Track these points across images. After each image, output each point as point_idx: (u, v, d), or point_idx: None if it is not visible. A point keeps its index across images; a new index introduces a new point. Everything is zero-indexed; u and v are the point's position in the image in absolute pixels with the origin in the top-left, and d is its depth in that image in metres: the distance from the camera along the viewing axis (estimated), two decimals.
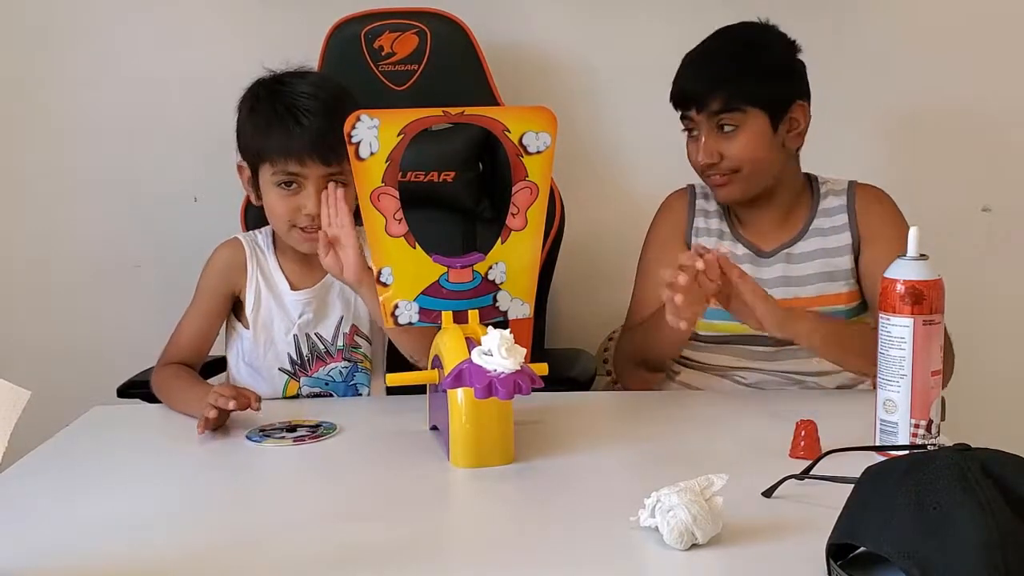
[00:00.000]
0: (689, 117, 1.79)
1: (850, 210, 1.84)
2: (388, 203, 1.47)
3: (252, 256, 1.78)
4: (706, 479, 1.11)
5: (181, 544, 1.17)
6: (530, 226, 1.51)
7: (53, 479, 1.40)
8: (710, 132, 1.77)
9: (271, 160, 1.68)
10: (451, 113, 1.50)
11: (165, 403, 1.71)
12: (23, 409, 0.99)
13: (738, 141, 1.76)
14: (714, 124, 1.76)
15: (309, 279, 1.78)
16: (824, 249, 1.83)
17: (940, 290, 1.33)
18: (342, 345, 1.78)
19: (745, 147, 1.77)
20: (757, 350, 1.82)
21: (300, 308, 1.76)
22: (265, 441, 1.50)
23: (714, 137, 1.77)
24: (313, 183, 1.66)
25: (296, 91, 1.69)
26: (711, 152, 1.77)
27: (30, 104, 2.45)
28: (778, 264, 1.84)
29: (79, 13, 2.42)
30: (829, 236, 1.83)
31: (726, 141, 1.77)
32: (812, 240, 1.84)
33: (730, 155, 1.77)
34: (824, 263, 1.82)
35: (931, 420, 1.34)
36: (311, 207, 1.66)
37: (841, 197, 1.85)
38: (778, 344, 1.79)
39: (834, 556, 1.01)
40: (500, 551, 1.15)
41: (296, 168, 1.66)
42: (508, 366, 1.30)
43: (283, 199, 1.69)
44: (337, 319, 1.78)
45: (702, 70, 1.78)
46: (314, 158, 1.65)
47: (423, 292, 1.49)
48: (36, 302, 2.50)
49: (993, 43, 2.39)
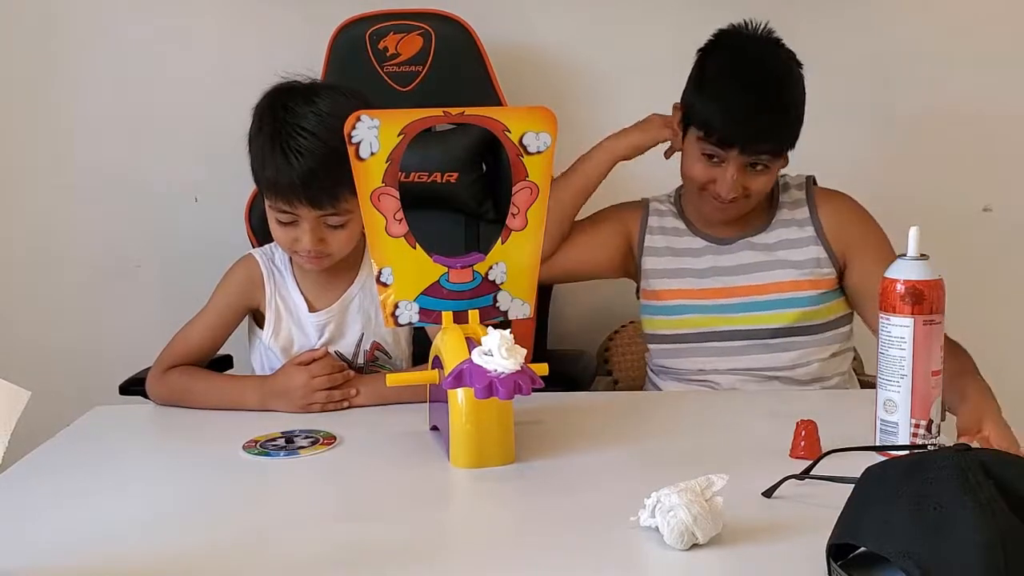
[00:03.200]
0: (721, 153, 1.77)
1: (811, 203, 1.87)
2: (388, 203, 1.47)
3: (269, 276, 1.76)
4: (706, 479, 1.11)
5: (181, 544, 1.17)
6: (530, 226, 1.51)
7: (53, 479, 1.40)
8: (740, 168, 1.77)
9: (266, 191, 1.67)
10: (451, 113, 1.50)
11: (180, 400, 1.69)
12: (23, 409, 0.99)
13: (764, 178, 1.79)
14: (746, 161, 1.77)
15: (327, 298, 1.76)
16: (788, 240, 1.86)
17: (940, 290, 1.33)
18: (362, 363, 1.76)
19: (767, 182, 1.80)
20: (728, 345, 1.83)
21: (319, 330, 1.74)
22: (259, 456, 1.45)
23: (743, 174, 1.78)
24: (307, 221, 1.64)
25: (298, 125, 1.61)
26: (738, 187, 1.78)
27: (31, 104, 2.45)
28: (742, 252, 1.87)
29: (79, 13, 2.42)
30: (791, 227, 1.86)
31: (752, 177, 1.78)
32: (775, 231, 1.87)
33: (755, 190, 1.80)
34: (788, 252, 1.85)
35: (931, 420, 1.33)
36: (306, 243, 1.65)
37: (801, 190, 1.90)
38: (747, 338, 1.82)
39: (834, 556, 1.01)
40: (500, 551, 1.15)
41: (286, 207, 1.64)
42: (508, 366, 1.30)
43: (281, 228, 1.68)
44: (357, 337, 1.75)
45: (750, 117, 1.75)
46: (303, 201, 1.62)
47: (423, 292, 1.49)
48: (36, 302, 2.51)
49: (993, 43, 2.39)
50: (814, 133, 1.83)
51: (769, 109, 1.76)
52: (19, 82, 2.44)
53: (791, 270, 1.84)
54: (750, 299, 1.84)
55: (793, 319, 1.82)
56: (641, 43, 2.38)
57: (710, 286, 1.87)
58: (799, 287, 1.83)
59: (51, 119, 2.45)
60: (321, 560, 1.11)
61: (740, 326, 1.84)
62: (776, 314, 1.83)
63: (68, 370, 2.39)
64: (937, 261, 1.35)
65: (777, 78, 1.79)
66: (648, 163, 1.93)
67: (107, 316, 2.49)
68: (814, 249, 1.84)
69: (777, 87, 1.79)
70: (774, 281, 1.84)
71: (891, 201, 1.92)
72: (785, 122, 1.78)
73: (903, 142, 2.42)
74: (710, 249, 1.88)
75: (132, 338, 2.39)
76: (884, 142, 2.41)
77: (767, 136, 1.76)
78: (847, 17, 2.36)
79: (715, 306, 1.85)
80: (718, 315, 1.85)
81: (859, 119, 2.38)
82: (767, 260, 1.85)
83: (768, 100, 1.77)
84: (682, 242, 1.91)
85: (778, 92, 1.78)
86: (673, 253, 1.90)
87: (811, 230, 1.85)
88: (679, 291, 1.87)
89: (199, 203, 2.46)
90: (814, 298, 1.83)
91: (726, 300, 1.85)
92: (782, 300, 1.83)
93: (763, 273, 1.85)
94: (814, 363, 1.83)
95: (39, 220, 2.48)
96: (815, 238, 1.85)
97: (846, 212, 1.88)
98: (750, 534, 1.12)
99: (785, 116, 1.78)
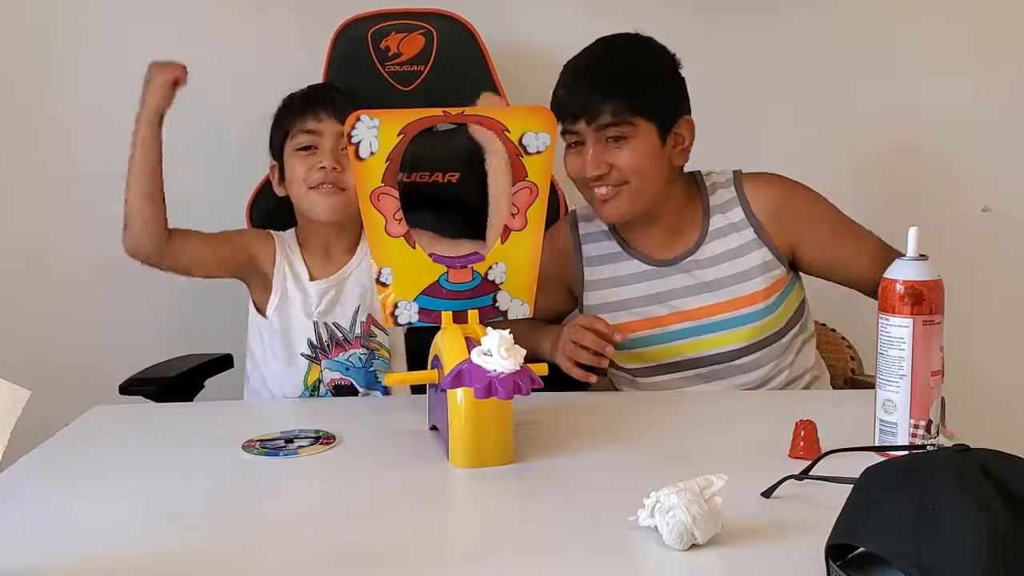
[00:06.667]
0: (573, 130, 1.73)
1: (743, 201, 1.79)
2: (388, 203, 1.48)
3: (282, 249, 1.89)
4: (705, 479, 1.11)
5: (181, 544, 1.17)
6: (530, 226, 1.52)
7: (53, 479, 1.40)
8: (597, 143, 1.72)
9: (292, 125, 1.82)
10: (451, 113, 1.50)
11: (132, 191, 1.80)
12: (23, 409, 0.99)
13: (627, 151, 1.72)
14: (602, 136, 1.71)
15: (327, 270, 1.88)
16: (729, 251, 1.78)
17: (940, 290, 1.33)
18: (360, 333, 1.86)
19: (633, 156, 1.71)
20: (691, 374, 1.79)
21: (319, 296, 1.85)
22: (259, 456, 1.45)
23: (602, 148, 1.72)
24: (329, 140, 1.79)
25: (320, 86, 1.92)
26: (599, 163, 1.72)
27: (30, 103, 2.45)
28: (682, 274, 1.79)
29: (79, 13, 2.41)
30: (729, 236, 1.79)
31: (615, 152, 1.72)
32: (714, 244, 1.79)
33: (620, 165, 1.72)
34: (732, 264, 1.78)
35: (930, 420, 1.34)
36: (327, 161, 1.79)
37: (729, 188, 1.81)
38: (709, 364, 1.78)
39: (833, 556, 1.01)
40: (500, 551, 1.15)
41: (313, 125, 1.80)
42: (508, 366, 1.30)
43: (302, 160, 1.81)
44: (354, 308, 1.86)
45: (591, 79, 1.72)
46: (331, 115, 1.79)
47: (423, 292, 1.50)
48: (36, 301, 2.50)
49: (993, 43, 2.39)
50: (813, 134, 1.83)
51: (604, 71, 1.73)
52: (19, 82, 2.44)
53: (740, 284, 1.76)
54: (702, 321, 1.77)
55: (752, 334, 1.76)
56: None
57: (656, 313, 1.80)
58: (753, 300, 1.76)
59: (51, 119, 2.45)
60: (321, 560, 1.11)
61: (700, 352, 1.78)
62: (734, 333, 1.76)
63: (68, 369, 2.38)
64: (936, 261, 1.35)
65: (632, 50, 1.76)
66: None
67: (107, 316, 2.49)
68: (758, 254, 1.77)
69: (628, 55, 1.75)
70: (725, 300, 1.77)
71: (891, 201, 1.92)
72: (627, 82, 1.71)
73: (902, 142, 2.42)
74: (650, 273, 1.81)
75: (132, 338, 2.39)
76: (883, 142, 2.41)
77: (610, 96, 1.69)
78: (847, 16, 2.37)
79: (665, 335, 1.79)
80: (674, 343, 1.79)
81: (858, 119, 2.38)
82: (714, 279, 1.77)
83: (602, 63, 1.74)
84: (621, 268, 1.83)
85: (613, 57, 1.75)
86: (614, 284, 1.83)
87: (750, 232, 1.77)
88: (627, 324, 1.79)
89: (199, 203, 2.45)
90: (770, 306, 1.77)
91: (676, 326, 1.78)
92: (738, 317, 1.76)
93: (712, 293, 1.77)
94: (783, 373, 1.79)
95: (39, 219, 2.48)
96: (756, 240, 1.77)
97: (779, 197, 1.79)
98: (749, 534, 1.12)
99: (632, 77, 1.71)
